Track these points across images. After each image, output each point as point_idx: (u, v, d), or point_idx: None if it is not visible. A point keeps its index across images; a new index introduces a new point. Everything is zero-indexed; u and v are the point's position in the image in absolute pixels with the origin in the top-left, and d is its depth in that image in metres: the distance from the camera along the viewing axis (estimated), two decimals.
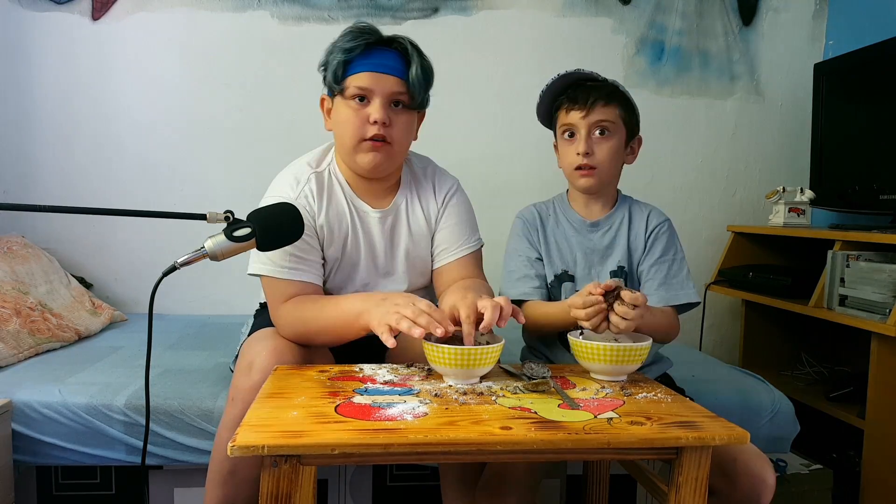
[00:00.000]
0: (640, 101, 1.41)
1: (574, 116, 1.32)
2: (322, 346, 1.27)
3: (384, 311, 1.10)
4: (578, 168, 1.33)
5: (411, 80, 1.27)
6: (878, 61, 2.03)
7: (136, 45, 2.34)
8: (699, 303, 1.36)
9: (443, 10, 2.42)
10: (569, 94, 1.34)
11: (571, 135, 1.34)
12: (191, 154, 2.39)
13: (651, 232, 1.39)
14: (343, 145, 1.30)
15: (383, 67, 1.26)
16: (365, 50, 1.25)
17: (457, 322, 1.09)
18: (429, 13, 2.41)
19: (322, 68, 1.31)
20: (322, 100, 1.35)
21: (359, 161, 1.29)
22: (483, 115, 2.45)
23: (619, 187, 1.44)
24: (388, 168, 1.33)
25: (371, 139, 1.26)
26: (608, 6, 2.47)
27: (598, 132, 1.32)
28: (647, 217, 1.40)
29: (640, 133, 1.41)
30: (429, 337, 1.07)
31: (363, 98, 1.26)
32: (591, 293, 1.12)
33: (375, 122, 1.25)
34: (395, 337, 1.36)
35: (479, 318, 1.08)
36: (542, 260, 1.40)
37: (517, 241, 1.42)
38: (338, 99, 1.29)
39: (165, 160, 2.38)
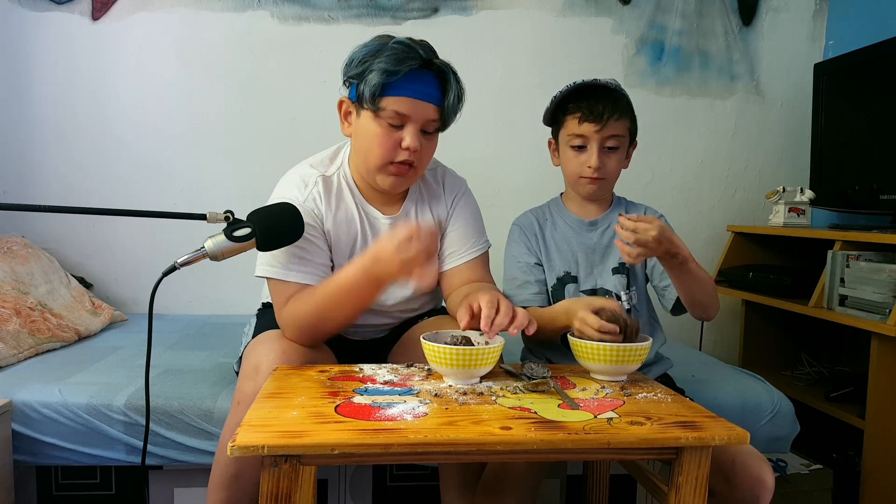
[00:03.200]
0: (640, 101, 1.41)
1: (587, 129, 1.31)
2: (334, 332, 1.26)
3: (389, 258, 1.10)
4: (584, 176, 1.34)
5: (447, 108, 1.25)
6: (878, 61, 2.03)
7: (136, 45, 2.34)
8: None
9: (443, 10, 2.42)
10: (582, 103, 1.31)
11: (581, 146, 1.33)
12: (191, 154, 2.39)
13: None
14: (366, 161, 1.27)
15: (422, 94, 1.22)
16: (407, 73, 1.20)
17: (475, 316, 1.11)
18: (429, 13, 2.41)
19: (351, 76, 1.24)
20: (341, 103, 1.29)
21: (380, 180, 1.28)
22: (483, 116, 2.44)
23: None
24: (406, 186, 1.34)
25: (399, 163, 1.25)
26: (608, 6, 2.47)
27: (608, 146, 1.32)
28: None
29: (640, 133, 1.42)
30: (428, 337, 1.07)
31: (399, 122, 1.23)
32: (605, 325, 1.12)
33: (407, 149, 1.23)
34: (397, 330, 1.36)
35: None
36: (541, 265, 1.40)
37: (515, 248, 1.42)
38: (366, 114, 1.24)
39: (165, 160, 2.38)
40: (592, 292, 1.36)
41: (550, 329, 1.28)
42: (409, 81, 1.20)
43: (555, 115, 1.39)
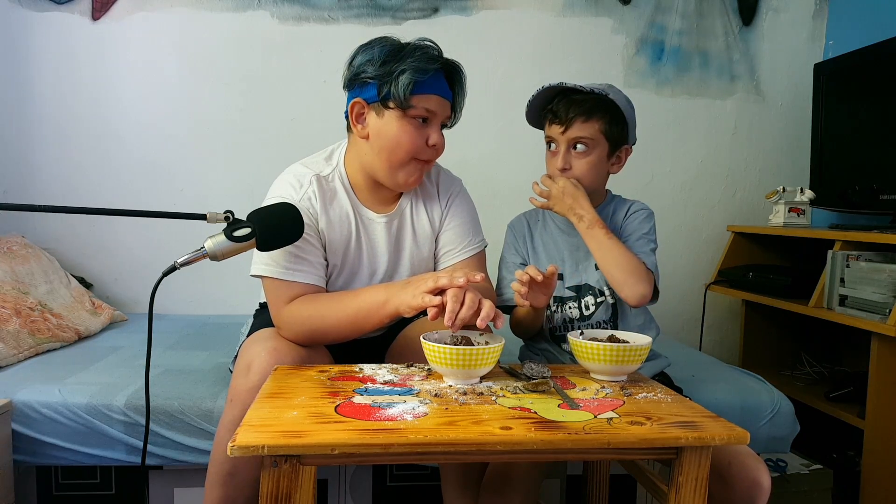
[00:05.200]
0: (639, 101, 1.41)
1: (554, 130, 1.35)
2: (331, 342, 1.27)
3: (414, 288, 1.14)
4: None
5: (458, 105, 1.34)
6: (878, 61, 2.03)
7: (136, 45, 2.34)
8: (654, 275, 1.32)
9: (443, 10, 2.42)
10: (553, 106, 1.35)
11: (552, 145, 1.37)
12: (191, 154, 2.39)
13: (628, 217, 1.41)
14: (391, 158, 1.28)
15: (444, 92, 1.28)
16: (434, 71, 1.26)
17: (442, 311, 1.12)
18: (429, 13, 2.41)
19: (371, 76, 1.24)
20: (354, 104, 1.28)
21: (400, 178, 1.30)
22: (483, 115, 2.44)
23: (609, 188, 1.45)
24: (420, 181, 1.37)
25: (422, 160, 1.29)
26: (608, 6, 2.47)
27: (576, 147, 1.34)
28: (629, 207, 1.42)
29: (640, 134, 1.42)
30: (428, 337, 1.08)
31: (425, 119, 1.27)
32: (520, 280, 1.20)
33: (434, 146, 1.28)
34: (394, 328, 1.36)
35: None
36: (527, 266, 1.41)
37: (506, 250, 1.46)
38: (393, 113, 1.25)
39: (165, 160, 2.38)
40: (577, 288, 1.39)
41: (537, 323, 1.36)
42: (435, 80, 1.26)
43: (541, 120, 1.41)
